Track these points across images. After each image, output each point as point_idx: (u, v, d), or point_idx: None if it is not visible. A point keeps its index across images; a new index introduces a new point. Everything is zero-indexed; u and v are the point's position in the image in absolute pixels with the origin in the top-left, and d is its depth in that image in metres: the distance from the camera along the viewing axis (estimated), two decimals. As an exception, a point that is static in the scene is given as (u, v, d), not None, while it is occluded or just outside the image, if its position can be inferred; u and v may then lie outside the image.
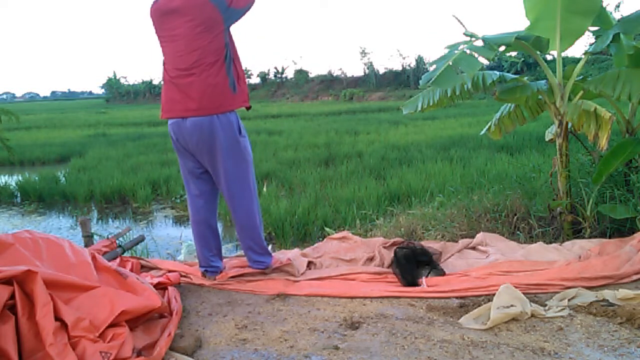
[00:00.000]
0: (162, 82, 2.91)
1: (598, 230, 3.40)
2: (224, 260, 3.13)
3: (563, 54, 3.36)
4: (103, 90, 66.91)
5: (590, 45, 3.61)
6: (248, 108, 2.92)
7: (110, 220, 7.20)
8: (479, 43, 3.29)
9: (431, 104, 3.84)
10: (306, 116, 21.85)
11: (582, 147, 4.11)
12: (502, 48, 3.50)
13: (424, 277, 2.86)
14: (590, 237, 3.33)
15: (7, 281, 1.87)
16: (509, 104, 4.04)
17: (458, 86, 3.69)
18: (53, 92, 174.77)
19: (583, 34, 3.33)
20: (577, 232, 3.47)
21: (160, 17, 2.73)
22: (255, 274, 2.97)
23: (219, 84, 2.67)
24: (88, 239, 3.62)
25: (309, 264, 3.21)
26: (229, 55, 2.70)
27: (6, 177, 10.65)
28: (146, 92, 57.16)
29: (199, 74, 2.66)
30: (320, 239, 4.53)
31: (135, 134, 16.94)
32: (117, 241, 3.56)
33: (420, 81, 3.17)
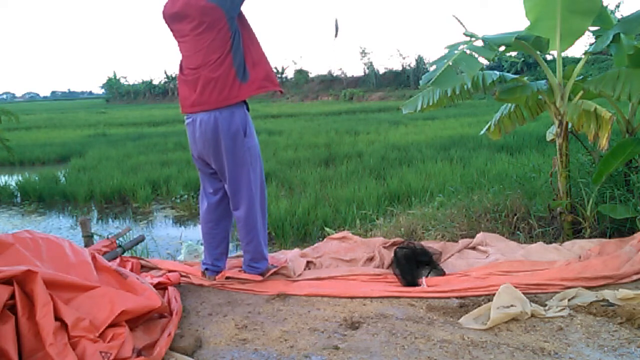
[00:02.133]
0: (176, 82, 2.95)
1: (598, 230, 3.40)
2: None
3: (563, 54, 3.36)
4: (103, 90, 66.99)
5: (590, 45, 3.61)
6: (281, 92, 2.91)
7: (110, 220, 7.20)
8: (479, 43, 3.29)
9: (431, 104, 3.84)
10: (306, 116, 21.85)
11: (582, 147, 4.11)
12: (502, 48, 3.50)
13: (424, 277, 2.86)
14: (590, 237, 3.33)
15: (7, 281, 1.87)
16: (509, 104, 4.04)
17: (458, 86, 3.69)
18: (53, 92, 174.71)
19: (583, 34, 3.33)
20: (577, 232, 3.47)
21: (169, 20, 2.79)
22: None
23: (222, 77, 2.65)
24: (88, 239, 3.62)
25: (309, 263, 3.21)
26: (235, 43, 2.67)
27: (6, 177, 10.64)
28: (146, 92, 57.18)
29: (203, 71, 2.68)
30: (320, 239, 4.52)
31: (135, 134, 16.94)
32: (117, 241, 3.56)
33: (420, 81, 3.17)
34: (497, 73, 3.75)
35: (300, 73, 46.02)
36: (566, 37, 3.29)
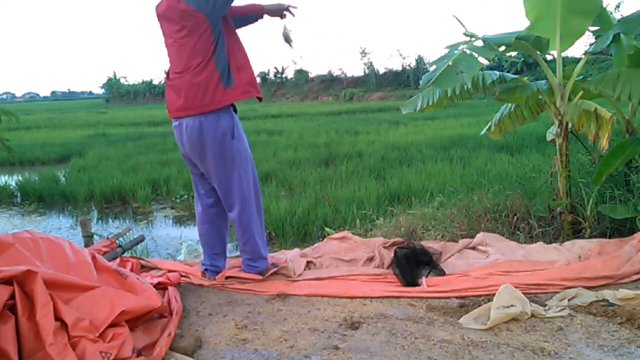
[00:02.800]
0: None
1: (598, 230, 3.40)
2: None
3: (563, 54, 3.37)
4: (103, 90, 66.86)
5: (590, 45, 3.61)
6: (259, 99, 2.87)
7: (110, 220, 7.20)
8: (479, 43, 3.29)
9: (431, 104, 3.84)
10: (306, 116, 21.85)
11: (582, 147, 4.12)
12: (502, 48, 3.50)
13: (424, 277, 2.86)
14: (590, 237, 3.33)
15: (7, 281, 1.87)
16: (509, 104, 4.04)
17: (458, 86, 3.69)
18: (53, 92, 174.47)
19: (583, 34, 3.33)
20: (577, 232, 3.47)
21: (158, 21, 2.79)
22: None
23: (204, 82, 2.63)
24: (88, 239, 3.62)
25: (309, 263, 3.21)
26: (218, 47, 2.64)
27: (6, 177, 10.64)
28: (146, 92, 57.12)
29: (186, 75, 2.67)
30: (320, 239, 4.52)
31: (135, 134, 16.94)
32: (117, 241, 3.56)
33: (420, 81, 3.17)
34: (497, 73, 3.75)
35: (300, 73, 45.96)
36: (566, 37, 3.29)
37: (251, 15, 2.91)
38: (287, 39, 2.93)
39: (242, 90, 2.72)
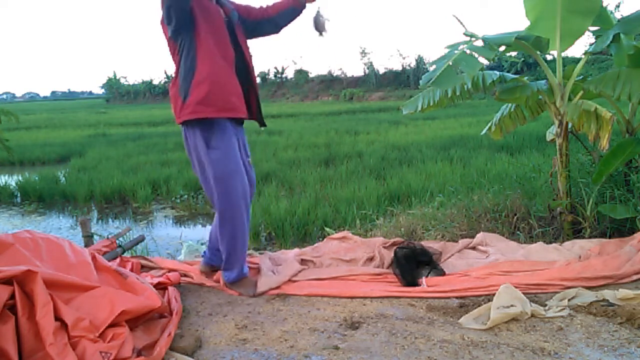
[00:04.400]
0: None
1: (598, 230, 3.40)
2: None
3: (563, 54, 3.37)
4: (103, 90, 66.82)
5: (590, 45, 3.61)
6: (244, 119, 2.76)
7: (110, 220, 7.19)
8: (479, 43, 3.29)
9: (431, 104, 3.84)
10: (306, 116, 21.84)
11: (582, 147, 4.12)
12: (502, 48, 3.50)
13: (424, 277, 2.86)
14: (590, 237, 3.33)
15: (7, 281, 1.87)
16: (510, 104, 4.04)
17: (458, 86, 3.69)
18: (53, 92, 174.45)
19: (583, 34, 3.33)
20: (577, 232, 3.47)
21: None
22: None
23: (173, 94, 2.66)
24: (88, 239, 3.63)
25: (306, 262, 3.21)
26: (183, 58, 2.57)
27: (6, 177, 10.63)
28: (146, 92, 57.09)
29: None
30: (320, 239, 4.52)
31: (135, 134, 16.93)
32: (117, 241, 3.56)
33: (420, 81, 3.17)
34: (497, 73, 3.75)
35: (300, 73, 45.96)
36: (566, 37, 3.29)
37: (288, 9, 2.79)
38: (319, 27, 2.59)
39: (190, 110, 2.54)
